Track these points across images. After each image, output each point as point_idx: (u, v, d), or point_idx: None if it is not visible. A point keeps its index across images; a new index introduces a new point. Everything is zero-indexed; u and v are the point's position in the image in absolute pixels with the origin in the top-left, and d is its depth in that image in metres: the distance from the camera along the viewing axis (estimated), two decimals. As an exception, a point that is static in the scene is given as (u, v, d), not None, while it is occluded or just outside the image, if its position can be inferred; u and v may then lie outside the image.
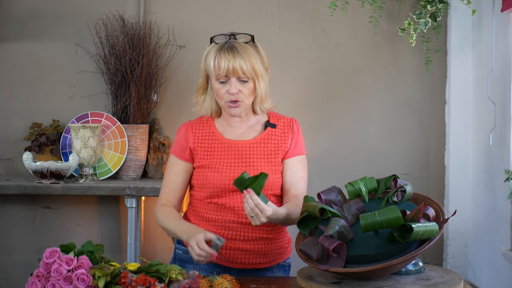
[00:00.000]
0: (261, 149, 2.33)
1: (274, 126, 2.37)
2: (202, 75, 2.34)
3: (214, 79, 2.28)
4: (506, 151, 3.15)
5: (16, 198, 3.68)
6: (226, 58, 2.24)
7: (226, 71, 2.24)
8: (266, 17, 3.73)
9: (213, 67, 2.26)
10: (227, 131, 2.37)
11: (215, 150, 2.32)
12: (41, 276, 1.79)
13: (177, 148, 2.38)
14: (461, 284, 1.95)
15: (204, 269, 2.33)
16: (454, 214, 2.06)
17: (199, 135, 2.36)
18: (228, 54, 2.25)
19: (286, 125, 2.39)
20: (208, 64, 2.28)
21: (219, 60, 2.25)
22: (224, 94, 2.27)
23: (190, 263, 2.36)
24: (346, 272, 1.87)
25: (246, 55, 2.26)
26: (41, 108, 3.71)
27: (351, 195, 2.14)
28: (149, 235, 3.71)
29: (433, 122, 3.75)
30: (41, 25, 3.70)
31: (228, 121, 2.38)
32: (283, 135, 2.37)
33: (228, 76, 2.25)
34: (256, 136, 2.36)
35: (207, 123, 2.39)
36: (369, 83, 3.75)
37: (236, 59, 2.24)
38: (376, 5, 3.55)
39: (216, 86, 2.28)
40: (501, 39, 3.22)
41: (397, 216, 1.85)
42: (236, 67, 2.24)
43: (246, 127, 2.38)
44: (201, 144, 2.34)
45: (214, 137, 2.35)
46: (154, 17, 3.71)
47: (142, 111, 3.58)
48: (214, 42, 2.31)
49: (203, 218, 2.34)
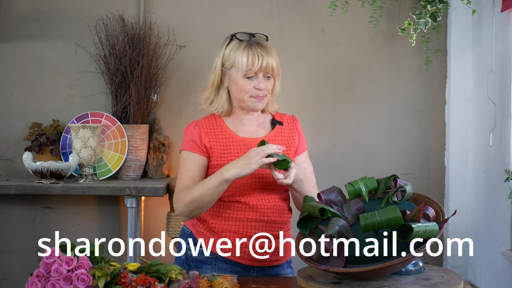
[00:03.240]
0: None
1: (281, 123, 2.42)
2: (216, 72, 2.35)
3: (240, 75, 2.29)
4: (506, 151, 3.15)
5: (16, 198, 3.68)
6: (259, 54, 2.28)
7: (259, 67, 2.27)
8: (266, 17, 3.73)
9: (245, 63, 2.28)
10: (239, 129, 2.37)
11: (231, 148, 2.32)
12: (41, 276, 1.79)
13: (190, 145, 2.34)
14: (461, 284, 1.95)
15: (224, 269, 2.33)
16: (454, 214, 2.06)
17: (212, 134, 2.34)
18: (260, 50, 2.28)
19: (290, 122, 2.45)
20: (238, 60, 2.29)
21: (252, 56, 2.27)
22: (250, 89, 2.30)
23: (208, 264, 2.35)
24: (346, 272, 1.87)
25: (273, 53, 2.32)
26: (41, 108, 3.71)
27: (351, 195, 2.14)
28: (149, 235, 3.71)
29: (433, 122, 3.75)
30: (41, 25, 3.70)
31: (241, 119, 2.38)
32: (290, 132, 2.42)
33: (258, 71, 2.28)
34: (267, 133, 2.39)
35: (217, 122, 2.37)
36: (369, 83, 3.75)
37: (268, 56, 2.29)
38: (376, 5, 3.55)
39: (241, 82, 2.30)
40: (501, 39, 3.22)
41: (397, 216, 1.85)
42: (268, 63, 2.29)
43: (257, 125, 2.40)
44: (216, 143, 2.32)
45: (228, 136, 2.34)
46: (154, 17, 3.70)
47: (142, 111, 3.58)
48: (238, 39, 2.32)
49: (223, 218, 2.32)
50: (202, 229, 2.35)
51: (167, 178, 3.69)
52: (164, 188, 3.35)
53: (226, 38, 2.38)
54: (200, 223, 2.36)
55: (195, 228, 2.38)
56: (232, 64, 2.31)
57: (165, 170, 3.70)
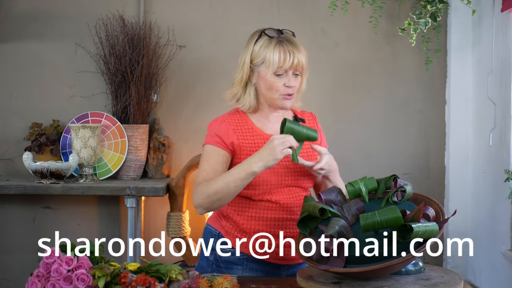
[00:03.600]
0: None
1: (304, 120, 2.41)
2: (245, 69, 2.30)
3: (271, 72, 2.25)
4: (506, 151, 3.15)
5: (16, 198, 3.68)
6: (290, 51, 2.24)
7: (291, 64, 2.24)
8: (266, 17, 3.73)
9: (277, 60, 2.23)
10: (265, 126, 2.33)
11: (259, 146, 2.27)
12: (41, 276, 1.79)
13: (215, 140, 2.29)
14: (461, 284, 1.95)
15: (255, 269, 2.30)
16: (454, 214, 2.06)
17: (240, 132, 2.30)
18: (291, 47, 2.25)
19: (311, 119, 2.45)
20: (268, 57, 2.24)
21: (284, 53, 2.23)
22: (280, 87, 2.26)
23: (238, 264, 2.32)
24: (346, 272, 1.87)
25: (302, 50, 2.28)
26: (41, 108, 3.71)
27: (351, 195, 2.14)
28: (149, 235, 3.71)
29: (433, 122, 3.75)
30: (41, 25, 3.70)
31: (267, 116, 2.34)
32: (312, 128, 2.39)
33: (289, 69, 2.24)
34: None
35: (242, 119, 2.34)
36: (369, 83, 3.75)
37: (298, 53, 2.25)
38: (376, 5, 3.55)
39: (271, 79, 2.26)
40: (501, 39, 3.22)
41: (397, 216, 1.85)
42: (299, 61, 2.25)
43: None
44: (244, 141, 2.28)
45: (255, 133, 2.30)
46: (154, 17, 3.70)
47: (142, 111, 3.58)
48: (268, 36, 2.27)
49: (254, 218, 2.29)
50: (232, 229, 2.31)
51: (167, 178, 3.69)
52: (164, 188, 3.35)
53: (254, 34, 2.32)
54: (229, 224, 2.32)
55: (224, 229, 2.33)
56: (263, 61, 2.26)
57: (165, 170, 3.70)
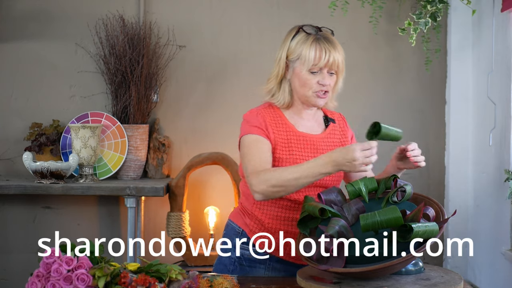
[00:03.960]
0: (329, 144, 2.32)
1: (334, 121, 2.39)
2: (281, 64, 2.27)
3: (305, 69, 2.22)
4: (506, 151, 3.15)
5: (16, 198, 3.68)
6: (326, 49, 2.21)
7: (326, 62, 2.21)
8: (266, 17, 3.73)
9: (312, 57, 2.20)
10: (298, 123, 2.31)
11: (293, 142, 2.26)
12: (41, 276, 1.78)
13: (257, 129, 2.24)
14: (461, 284, 1.95)
15: (278, 269, 2.29)
16: (454, 214, 2.06)
17: (274, 126, 2.27)
18: (328, 45, 2.22)
19: (341, 120, 2.43)
20: (304, 54, 2.21)
21: (320, 50, 2.21)
22: (314, 84, 2.23)
23: (262, 263, 2.30)
24: (346, 272, 1.87)
25: (339, 49, 2.26)
26: (41, 108, 3.71)
27: (351, 195, 2.14)
28: (149, 235, 3.71)
29: (433, 122, 3.75)
30: (41, 25, 3.70)
31: (300, 114, 2.32)
32: (342, 130, 2.40)
33: (324, 67, 2.22)
34: (323, 130, 2.35)
35: (276, 113, 2.31)
36: (369, 83, 3.75)
37: (335, 51, 2.23)
38: (376, 5, 3.55)
39: (306, 76, 2.23)
40: (501, 39, 3.22)
41: (397, 216, 1.85)
42: (335, 59, 2.23)
43: (314, 121, 2.35)
44: (279, 135, 2.26)
45: (288, 129, 2.28)
46: (154, 17, 3.71)
47: (142, 111, 3.58)
48: (305, 32, 2.25)
49: (279, 218, 2.27)
50: (256, 228, 2.30)
51: (167, 178, 3.69)
52: (164, 188, 3.35)
53: (292, 30, 2.30)
54: (253, 222, 2.30)
55: (248, 228, 2.31)
56: (298, 57, 2.23)
57: (165, 170, 3.70)
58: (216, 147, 3.71)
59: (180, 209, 3.55)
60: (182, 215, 3.54)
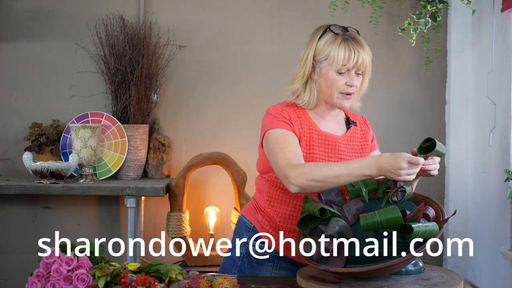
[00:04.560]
0: (350, 146, 2.30)
1: (356, 124, 2.37)
2: (308, 64, 2.23)
3: (334, 69, 2.19)
4: (506, 151, 3.15)
5: (16, 198, 3.68)
6: (355, 50, 2.19)
7: (355, 63, 2.19)
8: (266, 17, 3.73)
9: (341, 58, 2.18)
10: (320, 123, 2.29)
11: (315, 141, 2.23)
12: (41, 276, 1.78)
13: (283, 124, 2.21)
14: (461, 284, 1.94)
15: (286, 268, 2.28)
16: (454, 214, 2.06)
17: (298, 123, 2.23)
18: (356, 46, 2.20)
19: (362, 123, 2.40)
20: (333, 54, 2.18)
21: (349, 51, 2.18)
22: (341, 85, 2.20)
23: (270, 261, 2.28)
24: (346, 272, 1.87)
25: (367, 49, 2.23)
26: (41, 108, 3.71)
27: (351, 195, 2.14)
28: (149, 235, 3.71)
29: (433, 122, 3.75)
30: (41, 25, 3.70)
31: (323, 114, 2.29)
32: (363, 133, 2.37)
33: (352, 68, 2.19)
34: (345, 132, 2.33)
35: (300, 111, 2.27)
36: (369, 83, 3.74)
37: (363, 52, 2.20)
38: (376, 5, 3.55)
39: (333, 76, 2.20)
40: (501, 39, 3.22)
41: (397, 216, 1.85)
42: (364, 60, 2.20)
43: (335, 122, 2.33)
44: (303, 133, 2.22)
45: (312, 128, 2.25)
46: (154, 17, 3.70)
47: (142, 111, 3.58)
48: (333, 32, 2.22)
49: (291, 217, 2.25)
50: (267, 226, 2.28)
51: (167, 178, 3.69)
52: (164, 188, 3.35)
53: (319, 30, 2.26)
54: (265, 219, 2.28)
55: (260, 224, 2.30)
56: (326, 57, 2.20)
57: (165, 170, 3.70)
58: (216, 147, 3.71)
59: (180, 209, 3.55)
60: (182, 215, 3.54)
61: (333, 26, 2.24)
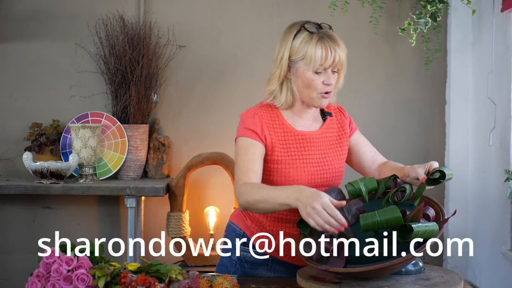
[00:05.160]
0: (327, 139, 2.28)
1: (331, 114, 2.33)
2: (282, 64, 2.19)
3: (311, 69, 2.15)
4: (506, 151, 3.15)
5: (16, 198, 3.68)
6: (332, 48, 2.14)
7: (332, 61, 2.14)
8: (266, 17, 3.73)
9: (319, 57, 2.13)
10: (296, 123, 2.26)
11: (291, 143, 2.22)
12: (41, 276, 1.78)
13: (250, 132, 2.20)
14: (461, 284, 1.94)
15: (280, 271, 2.27)
16: (454, 214, 2.06)
17: (271, 127, 2.21)
18: (332, 44, 2.14)
19: (337, 112, 2.37)
20: (310, 54, 2.14)
21: (326, 50, 2.13)
22: (319, 84, 2.17)
23: (264, 265, 2.28)
24: (346, 272, 1.87)
25: (342, 45, 2.18)
26: (41, 108, 3.71)
27: (351, 195, 2.14)
28: (149, 235, 3.71)
29: (433, 122, 3.75)
30: (41, 25, 3.70)
31: (300, 112, 2.27)
32: (339, 122, 2.34)
33: (329, 67, 2.15)
34: (321, 125, 2.30)
35: (274, 114, 2.25)
36: (369, 83, 3.75)
37: (339, 49, 2.16)
38: (376, 5, 3.55)
39: (310, 76, 2.16)
40: (501, 39, 3.22)
41: (397, 216, 1.85)
42: (340, 58, 2.16)
43: (312, 119, 2.30)
44: (277, 137, 2.21)
45: (287, 130, 2.23)
46: (154, 17, 3.71)
47: (142, 111, 3.58)
48: (308, 31, 2.17)
49: (281, 220, 2.25)
50: (257, 230, 2.27)
51: (167, 178, 3.69)
52: (164, 188, 3.35)
53: (293, 28, 2.22)
54: (254, 224, 2.28)
55: (249, 230, 2.29)
56: (303, 57, 2.15)
57: (165, 170, 3.70)
58: (216, 147, 3.71)
59: (180, 209, 3.55)
60: (182, 215, 3.54)
61: (307, 24, 2.19)
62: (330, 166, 2.25)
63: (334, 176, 2.27)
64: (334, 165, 2.26)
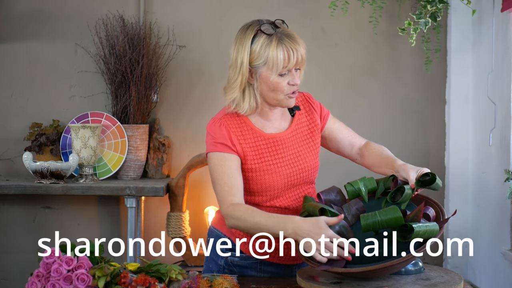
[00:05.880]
0: (299, 135, 2.23)
1: (299, 108, 2.27)
2: (243, 71, 2.10)
3: (275, 73, 2.07)
4: (506, 151, 3.15)
5: (16, 198, 3.68)
6: (293, 49, 2.07)
7: (295, 62, 2.08)
8: (266, 17, 3.69)
9: (282, 60, 2.06)
10: (265, 126, 2.20)
11: (263, 149, 2.16)
12: (41, 276, 1.78)
13: (220, 146, 2.15)
14: (461, 284, 1.94)
15: (269, 272, 2.25)
16: (454, 214, 2.06)
17: (241, 135, 2.16)
18: (292, 44, 2.07)
19: (304, 102, 2.31)
20: (272, 58, 2.06)
21: (288, 52, 2.06)
22: (285, 86, 2.09)
23: (252, 268, 2.25)
24: (346, 272, 1.87)
25: (301, 42, 2.12)
26: (41, 108, 3.71)
27: (350, 195, 2.14)
28: (149, 235, 3.71)
29: (433, 122, 3.75)
30: (40, 25, 3.70)
31: (267, 115, 2.20)
32: (308, 113, 2.29)
33: (293, 67, 2.09)
34: (290, 123, 2.25)
35: (241, 120, 2.18)
36: (369, 83, 3.75)
37: (300, 47, 2.10)
38: (376, 5, 3.55)
39: (275, 80, 2.08)
40: (501, 39, 3.22)
41: (397, 216, 1.85)
42: (302, 56, 2.10)
43: (280, 117, 2.24)
44: (247, 145, 2.15)
45: (256, 135, 2.17)
46: (154, 17, 3.71)
47: (142, 111, 3.58)
48: (264, 33, 2.09)
49: None
50: (242, 235, 2.24)
51: (167, 178, 3.69)
52: (164, 188, 3.35)
53: (248, 32, 2.13)
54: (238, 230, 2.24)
55: (234, 235, 2.26)
56: (265, 62, 2.07)
57: (165, 170, 3.70)
58: (216, 147, 3.70)
59: (180, 209, 3.55)
60: (182, 215, 3.54)
61: (263, 25, 2.12)
62: (304, 164, 2.21)
63: (310, 172, 2.23)
64: (308, 162, 2.22)
